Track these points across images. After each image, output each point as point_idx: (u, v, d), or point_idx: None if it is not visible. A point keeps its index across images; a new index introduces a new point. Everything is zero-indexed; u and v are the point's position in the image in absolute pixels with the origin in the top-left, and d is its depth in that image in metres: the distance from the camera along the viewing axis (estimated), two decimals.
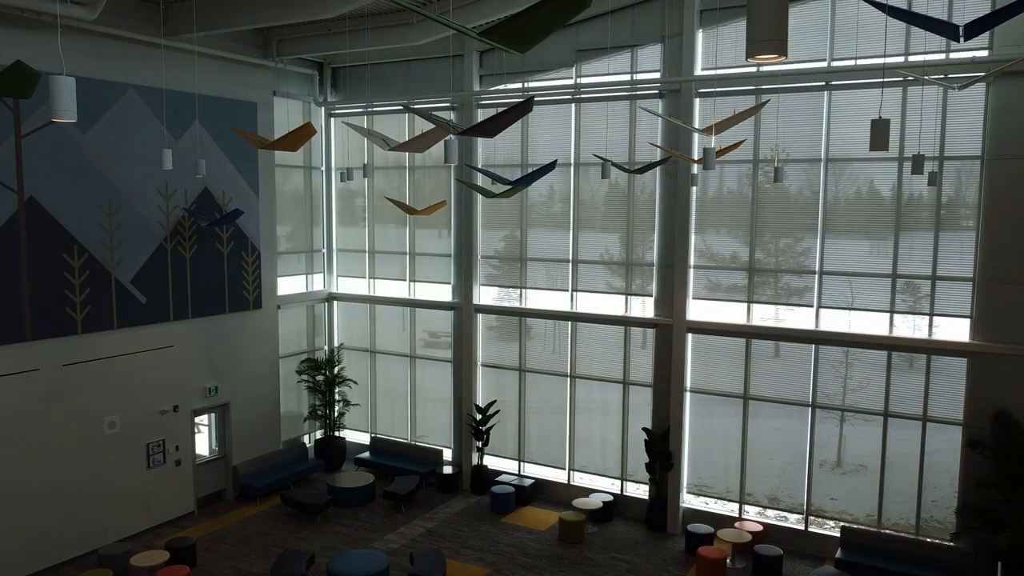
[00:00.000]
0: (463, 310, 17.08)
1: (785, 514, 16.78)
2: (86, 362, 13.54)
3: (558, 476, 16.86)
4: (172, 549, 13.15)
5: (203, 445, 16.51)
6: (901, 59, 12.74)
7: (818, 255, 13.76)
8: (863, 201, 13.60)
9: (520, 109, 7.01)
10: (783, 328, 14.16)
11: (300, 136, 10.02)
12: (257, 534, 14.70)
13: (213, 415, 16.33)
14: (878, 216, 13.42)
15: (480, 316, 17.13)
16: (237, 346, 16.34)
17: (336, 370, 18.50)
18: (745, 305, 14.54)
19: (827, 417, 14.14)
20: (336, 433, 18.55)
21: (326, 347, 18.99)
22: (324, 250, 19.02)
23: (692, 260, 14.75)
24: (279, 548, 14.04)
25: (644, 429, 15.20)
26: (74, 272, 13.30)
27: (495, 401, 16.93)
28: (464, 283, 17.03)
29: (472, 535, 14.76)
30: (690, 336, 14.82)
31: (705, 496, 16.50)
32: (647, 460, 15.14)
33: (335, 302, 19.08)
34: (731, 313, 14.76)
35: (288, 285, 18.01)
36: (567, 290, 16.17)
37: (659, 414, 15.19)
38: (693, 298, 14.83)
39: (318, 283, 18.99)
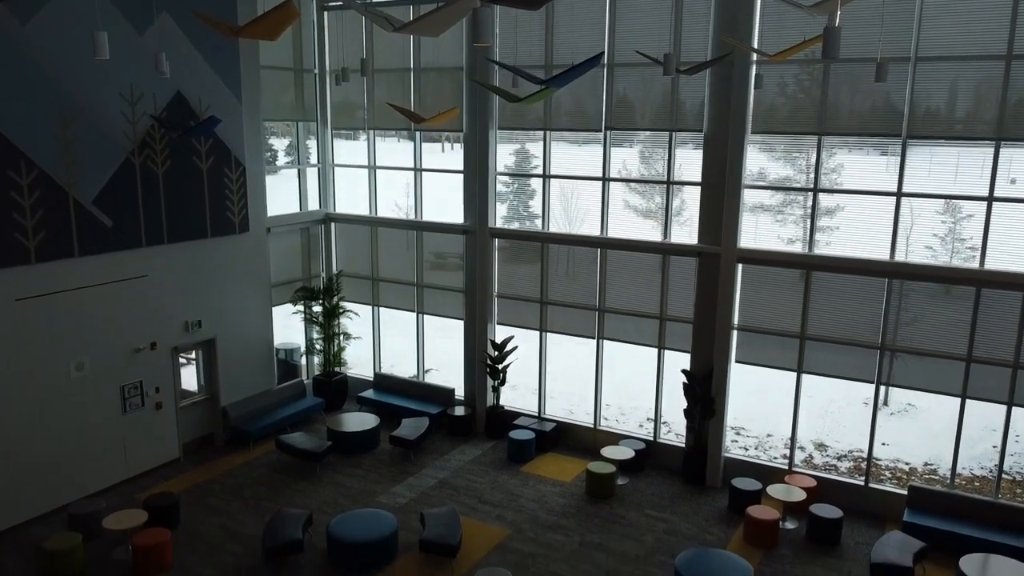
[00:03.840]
0: (477, 234, 15.09)
1: (835, 463, 15.28)
2: (44, 296, 11.69)
3: (583, 419, 15.26)
4: (152, 507, 11.61)
5: (192, 382, 14.84)
6: None
7: (898, 172, 11.65)
8: (958, 107, 11.40)
9: None
10: (852, 259, 12.15)
11: (278, 20, 7.82)
12: (249, 486, 13.16)
13: (198, 353, 14.59)
14: (974, 125, 11.26)
15: (496, 241, 15.16)
16: (222, 275, 14.46)
17: (335, 300, 16.67)
18: (806, 231, 12.57)
19: (873, 354, 12.29)
20: (336, 369, 16.87)
21: (324, 274, 17.12)
22: (319, 165, 16.91)
23: (745, 179, 12.67)
24: (273, 503, 12.52)
25: (683, 371, 13.45)
26: (22, 191, 11.29)
27: (512, 336, 15.14)
28: (478, 204, 14.98)
29: (489, 488, 13.21)
30: (740, 267, 12.89)
31: (746, 439, 14.97)
32: (685, 406, 13.46)
33: (332, 224, 17.09)
34: (786, 239, 12.87)
35: (279, 205, 15.98)
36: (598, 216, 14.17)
37: (700, 355, 13.41)
38: (744, 223, 12.84)
39: (313, 203, 16.95)
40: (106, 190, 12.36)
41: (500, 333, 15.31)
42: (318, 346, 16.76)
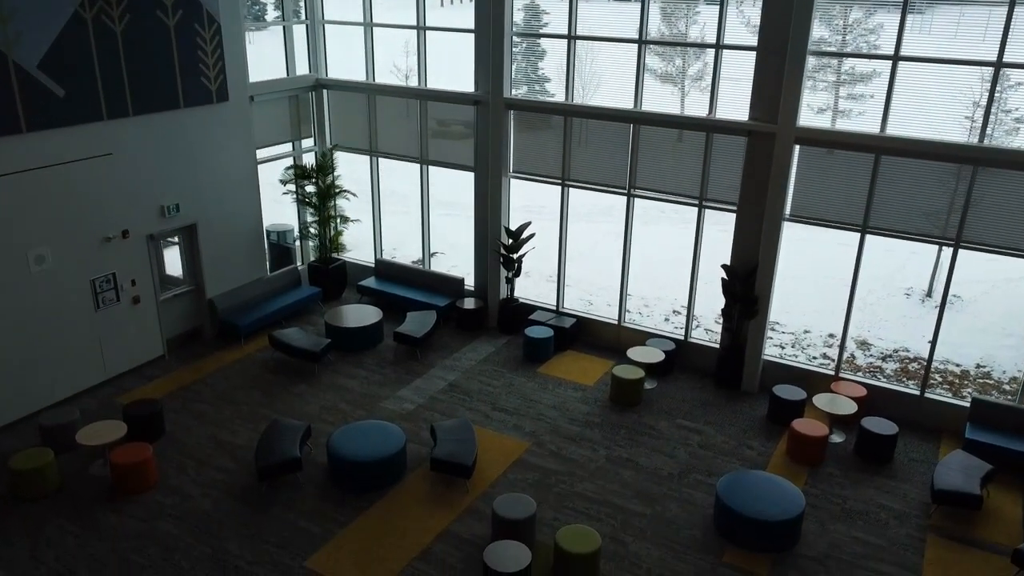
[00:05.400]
0: (489, 105, 13.18)
1: (880, 363, 14.08)
2: None
3: (605, 313, 13.92)
4: (132, 417, 10.43)
5: (179, 268, 13.38)
6: None
7: (1001, 36, 9.67)
8: None
9: None
10: (932, 142, 10.38)
11: None
12: (241, 388, 11.99)
13: (180, 239, 13.06)
14: None
15: (512, 113, 13.27)
16: (200, 151, 12.70)
17: (330, 178, 14.95)
18: (880, 109, 10.70)
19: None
20: (334, 255, 15.39)
21: (316, 149, 15.30)
22: (308, 22, 14.72)
23: (810, 44, 10.68)
24: (268, 410, 11.38)
25: (723, 267, 11.96)
26: None
27: (529, 223, 13.56)
28: (492, 70, 12.98)
29: (504, 392, 12.04)
30: (797, 148, 11.13)
31: (781, 336, 13.70)
32: (724, 304, 12.08)
33: (324, 91, 15.08)
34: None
35: (263, 70, 13.95)
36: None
37: (743, 247, 11.87)
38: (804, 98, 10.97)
39: (302, 67, 14.89)
40: (53, 52, 10.40)
41: (515, 187, 13.69)
42: (313, 230, 15.19)
